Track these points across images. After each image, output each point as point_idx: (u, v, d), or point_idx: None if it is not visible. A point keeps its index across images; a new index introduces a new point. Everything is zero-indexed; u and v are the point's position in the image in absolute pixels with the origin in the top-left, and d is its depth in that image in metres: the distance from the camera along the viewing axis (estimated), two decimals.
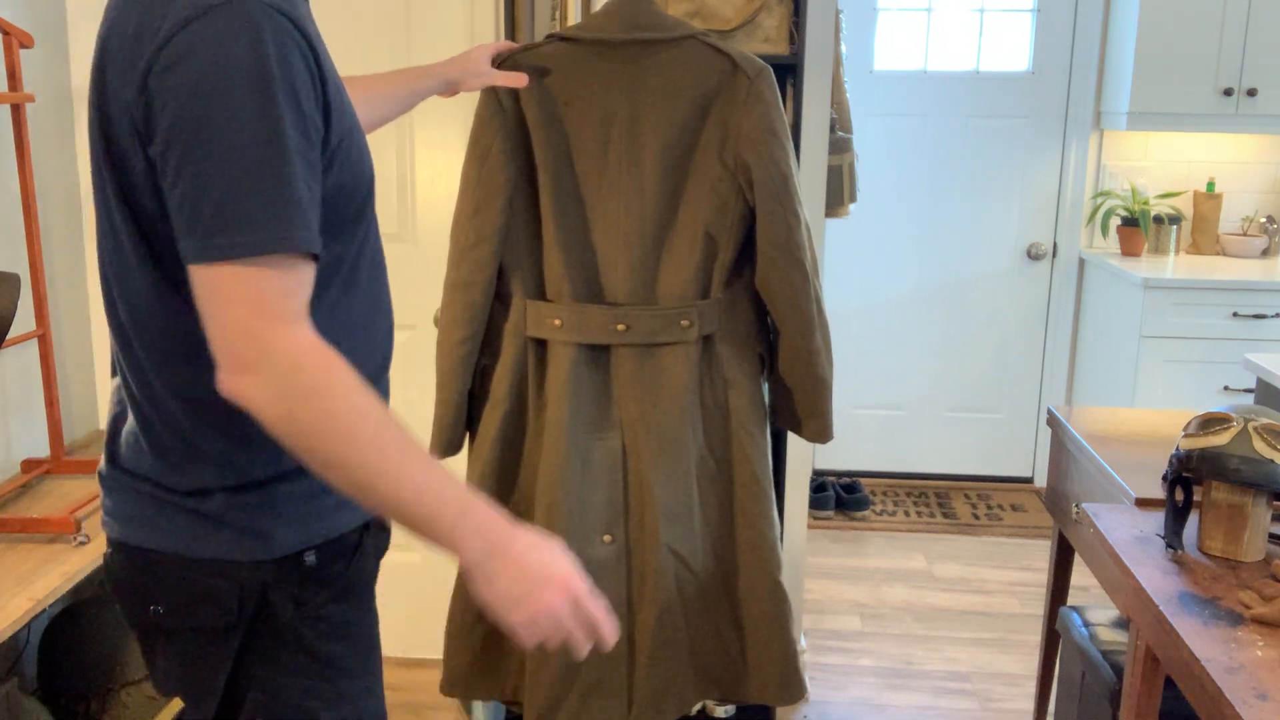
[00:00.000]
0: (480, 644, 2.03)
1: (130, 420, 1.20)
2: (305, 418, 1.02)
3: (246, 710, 1.21)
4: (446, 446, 1.99)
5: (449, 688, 2.06)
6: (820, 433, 2.01)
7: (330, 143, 1.11)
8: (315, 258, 1.07)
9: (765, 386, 2.04)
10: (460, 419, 1.97)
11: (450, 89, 1.80)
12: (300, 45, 1.05)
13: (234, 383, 1.03)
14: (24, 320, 2.34)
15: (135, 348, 1.16)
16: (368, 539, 1.28)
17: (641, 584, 1.95)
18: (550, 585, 1.09)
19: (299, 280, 1.05)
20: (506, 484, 1.98)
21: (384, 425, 1.05)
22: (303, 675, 1.22)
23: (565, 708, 1.94)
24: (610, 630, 1.13)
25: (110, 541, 1.23)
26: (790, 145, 1.87)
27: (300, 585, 1.20)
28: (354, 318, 1.22)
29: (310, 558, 1.20)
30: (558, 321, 1.89)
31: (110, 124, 1.08)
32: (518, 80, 1.82)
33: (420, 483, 1.05)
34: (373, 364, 1.26)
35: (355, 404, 1.04)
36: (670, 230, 1.89)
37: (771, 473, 2.00)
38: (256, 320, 1.02)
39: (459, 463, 2.70)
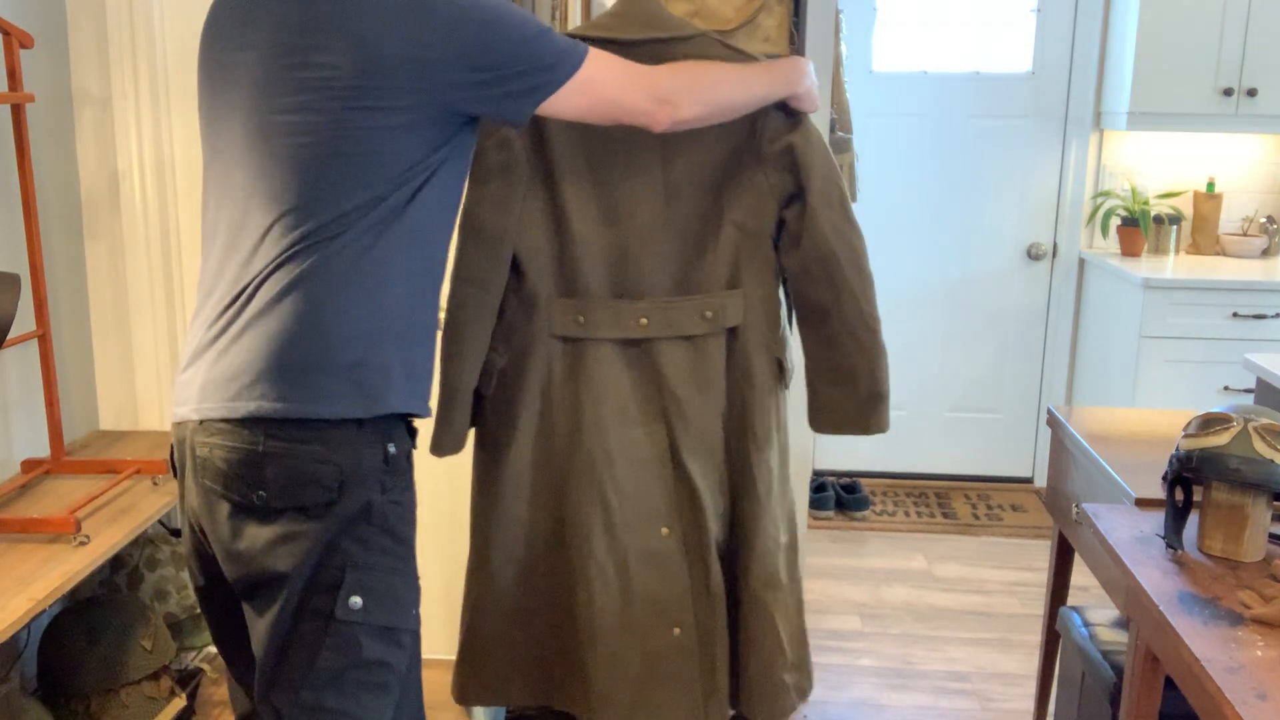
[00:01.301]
0: (507, 652, 2.01)
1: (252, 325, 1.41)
2: (707, 101, 1.63)
3: (345, 587, 1.41)
4: (452, 445, 1.97)
5: (463, 697, 2.03)
6: (885, 418, 1.90)
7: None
8: None
9: (786, 394, 2.01)
10: (466, 416, 1.96)
11: None
12: None
13: (663, 118, 1.59)
14: (24, 320, 2.34)
15: (302, 260, 1.40)
16: (413, 443, 1.52)
17: (703, 573, 1.94)
18: (807, 70, 1.82)
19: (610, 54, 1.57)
20: (551, 487, 1.96)
21: (730, 71, 1.69)
22: (387, 555, 1.45)
23: (643, 704, 1.92)
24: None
25: (214, 445, 1.41)
26: None
27: (384, 472, 1.44)
28: (444, 263, 1.56)
29: (391, 448, 1.45)
30: (581, 319, 1.88)
31: (380, 78, 1.37)
32: None
33: (759, 85, 1.72)
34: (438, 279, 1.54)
35: (713, 73, 1.66)
36: (695, 223, 1.88)
37: (773, 482, 1.98)
38: (633, 81, 1.55)
39: (462, 462, 2.70)
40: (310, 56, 1.37)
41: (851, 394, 1.91)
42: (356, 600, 1.42)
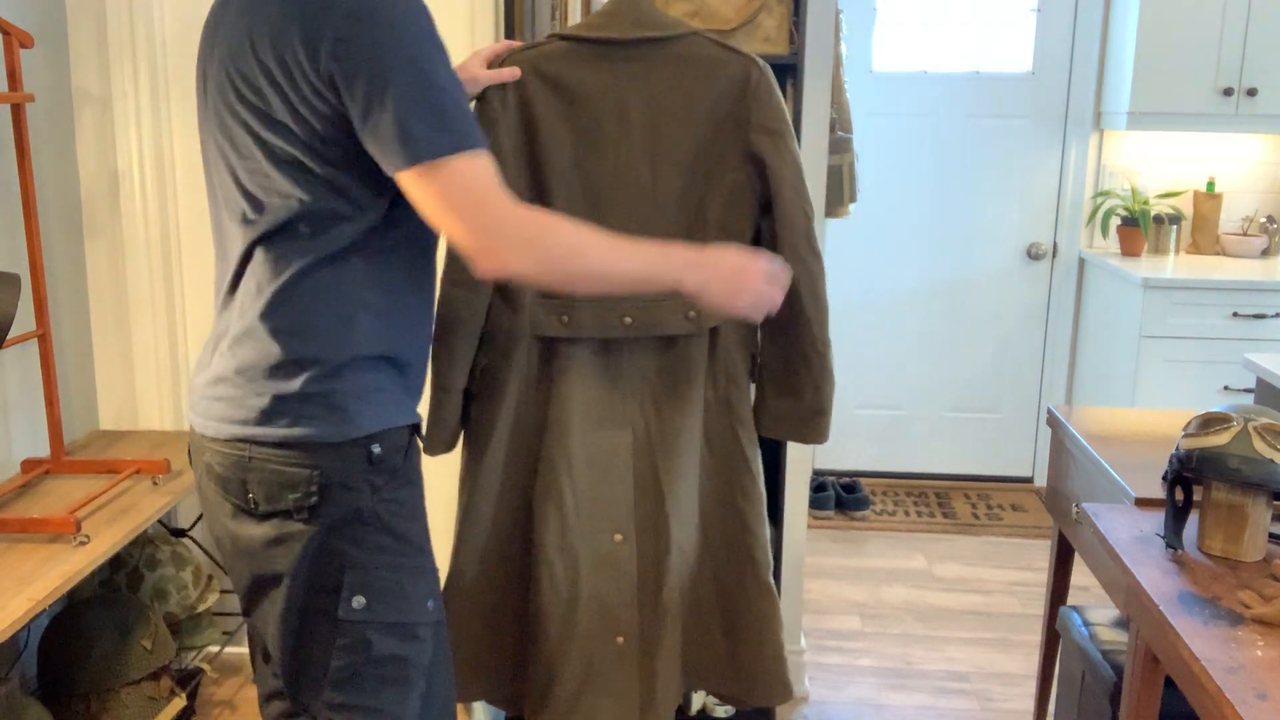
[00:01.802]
0: (472, 651, 2.02)
1: (236, 334, 1.44)
2: (554, 267, 1.36)
3: (346, 588, 1.43)
4: (444, 444, 1.98)
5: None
6: (824, 431, 2.00)
7: None
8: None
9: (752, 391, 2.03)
10: (457, 415, 1.97)
11: None
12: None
13: (485, 266, 1.33)
14: (24, 320, 2.34)
15: (257, 271, 1.42)
16: (414, 439, 1.53)
17: (654, 582, 1.94)
18: (746, 273, 1.51)
19: (494, 169, 1.35)
20: (519, 486, 1.97)
21: (602, 242, 1.40)
22: (388, 553, 1.46)
23: (578, 708, 1.93)
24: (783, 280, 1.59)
25: (213, 451, 1.46)
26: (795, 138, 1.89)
27: (372, 473, 1.44)
28: (427, 280, 1.53)
29: (376, 448, 1.44)
30: (565, 318, 1.89)
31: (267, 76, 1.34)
32: (510, 75, 1.83)
33: (639, 262, 1.43)
34: (427, 330, 1.55)
35: (582, 239, 1.38)
36: (680, 224, 1.89)
37: (762, 471, 2.01)
38: (487, 207, 1.32)
39: (453, 461, 2.70)
40: (245, 67, 1.38)
41: (797, 406, 1.98)
42: (360, 600, 1.44)
